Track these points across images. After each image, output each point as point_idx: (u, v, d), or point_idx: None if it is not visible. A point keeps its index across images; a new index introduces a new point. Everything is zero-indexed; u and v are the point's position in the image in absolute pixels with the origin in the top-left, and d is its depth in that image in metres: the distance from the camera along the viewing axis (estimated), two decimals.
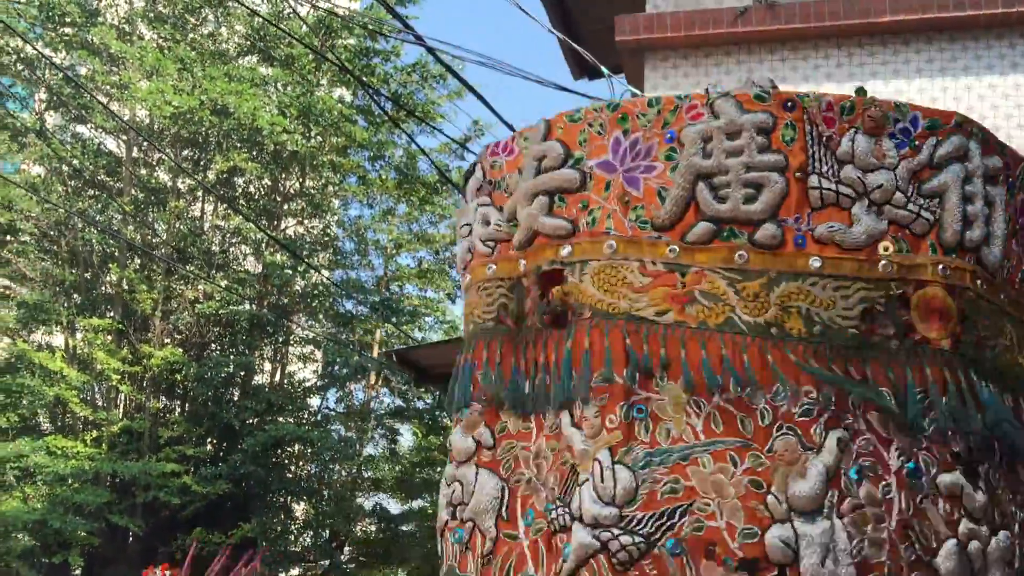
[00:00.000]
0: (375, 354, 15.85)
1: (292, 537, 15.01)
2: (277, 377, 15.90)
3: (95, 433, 13.06)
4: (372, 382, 16.50)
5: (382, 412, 16.38)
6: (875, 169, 2.00)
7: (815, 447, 1.92)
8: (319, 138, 14.95)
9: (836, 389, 1.95)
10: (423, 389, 16.67)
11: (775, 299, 1.96)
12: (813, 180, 2.00)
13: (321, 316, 16.20)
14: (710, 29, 6.09)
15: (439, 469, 16.75)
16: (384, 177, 16.00)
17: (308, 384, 16.28)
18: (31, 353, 12.72)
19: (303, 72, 14.68)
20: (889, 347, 1.98)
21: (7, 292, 14.28)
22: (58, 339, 14.33)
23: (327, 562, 15.99)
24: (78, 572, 13.64)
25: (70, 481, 12.09)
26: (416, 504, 16.79)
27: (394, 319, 16.36)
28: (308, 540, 15.44)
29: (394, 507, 16.60)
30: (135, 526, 12.57)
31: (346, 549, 15.81)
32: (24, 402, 12.75)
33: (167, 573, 7.50)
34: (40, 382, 12.51)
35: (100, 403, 13.73)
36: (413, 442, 17.82)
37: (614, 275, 2.02)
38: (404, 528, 15.93)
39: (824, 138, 2.00)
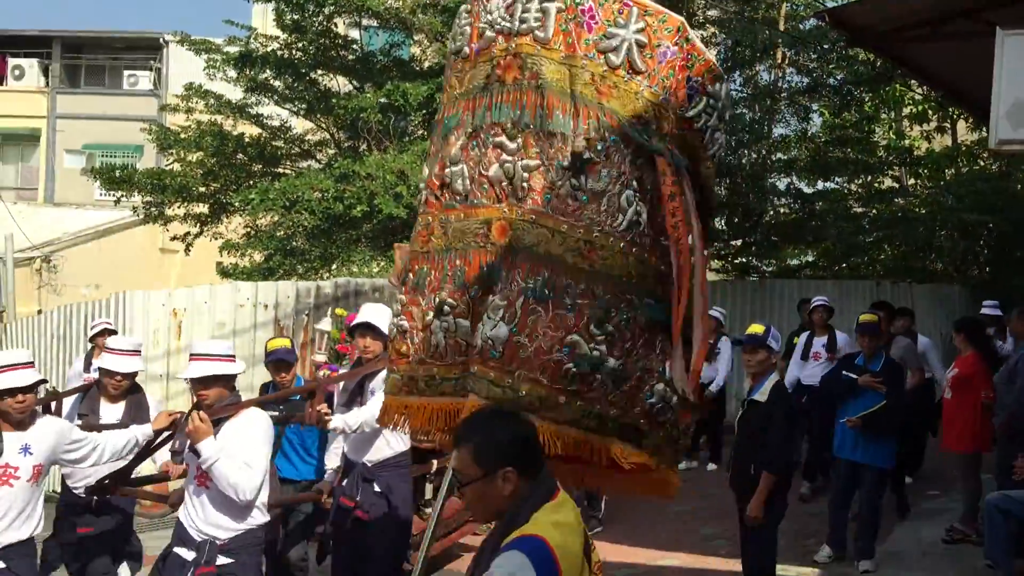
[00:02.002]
0: (782, 29, 15.06)
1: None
2: None
3: None
4: (779, 61, 15.85)
5: (791, 91, 15.77)
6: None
7: None
8: None
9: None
10: (832, 65, 15.74)
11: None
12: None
13: None
14: None
15: (849, 150, 16.07)
16: None
17: None
18: None
19: None
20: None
21: None
22: None
23: (740, 241, 16.44)
24: None
25: None
26: (829, 184, 16.43)
27: None
28: (722, 221, 15.89)
29: (807, 187, 16.39)
30: None
31: (759, 229, 16.05)
32: None
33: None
34: None
35: None
36: (823, 121, 17.19)
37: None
38: (817, 207, 15.73)
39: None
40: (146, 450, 5.03)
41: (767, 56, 15.53)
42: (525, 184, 3.30)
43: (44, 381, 4.84)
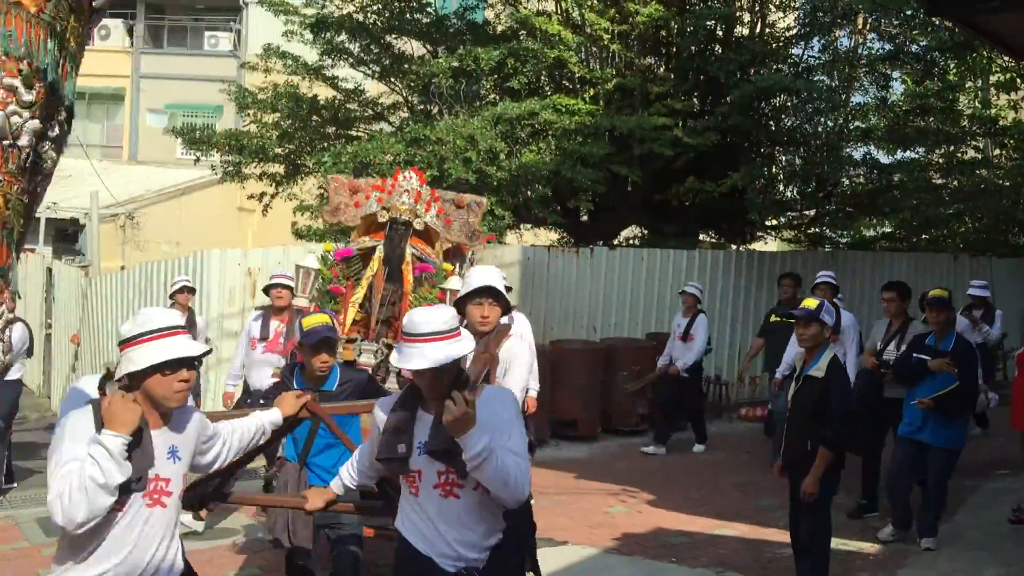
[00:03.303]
0: None
1: (779, 186, 15.28)
2: (758, 28, 15.50)
3: (592, 91, 14.00)
4: (860, 26, 15.44)
5: (871, 58, 15.35)
6: None
7: None
8: None
9: None
10: (916, 31, 15.25)
11: None
12: None
13: None
14: None
15: (932, 118, 15.60)
16: None
17: (790, 33, 15.70)
18: (533, 19, 13.71)
19: None
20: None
21: None
22: (550, 3, 15.17)
23: (813, 211, 16.16)
24: (585, 217, 15.34)
25: (574, 136, 13.27)
26: (908, 154, 15.99)
27: None
28: (795, 190, 15.63)
29: (885, 157, 15.99)
30: (634, 175, 13.62)
31: (833, 198, 15.76)
32: (528, 66, 13.91)
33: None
34: (542, 46, 13.53)
35: (594, 63, 14.56)
36: (904, 89, 16.70)
37: None
38: (895, 178, 15.35)
39: None
40: (267, 443, 3.96)
41: (847, 22, 15.14)
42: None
43: (210, 351, 3.49)
